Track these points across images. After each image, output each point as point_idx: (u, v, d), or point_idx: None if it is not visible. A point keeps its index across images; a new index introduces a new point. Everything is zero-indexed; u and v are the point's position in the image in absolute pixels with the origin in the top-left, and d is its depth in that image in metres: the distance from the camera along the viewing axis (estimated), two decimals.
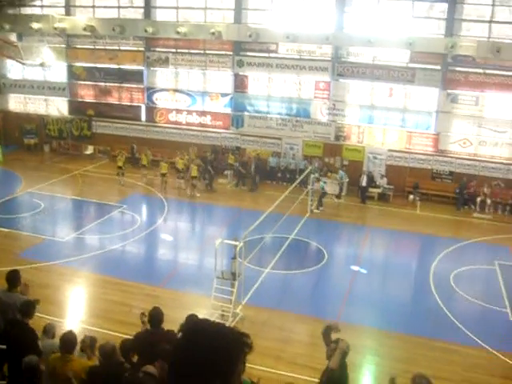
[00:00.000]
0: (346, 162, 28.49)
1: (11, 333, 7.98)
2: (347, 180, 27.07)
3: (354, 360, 12.54)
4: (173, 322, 7.67)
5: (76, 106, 33.80)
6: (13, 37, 33.07)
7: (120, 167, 27.63)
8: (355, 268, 19.36)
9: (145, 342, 8.01)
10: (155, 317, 8.49)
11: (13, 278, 9.32)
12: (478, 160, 26.97)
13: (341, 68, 28.11)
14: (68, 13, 31.52)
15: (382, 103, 27.96)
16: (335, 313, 15.85)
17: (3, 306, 8.86)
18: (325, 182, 25.96)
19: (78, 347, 8.17)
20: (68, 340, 7.71)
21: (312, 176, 24.88)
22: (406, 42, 25.21)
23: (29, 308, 8.33)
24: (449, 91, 26.88)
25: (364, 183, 26.72)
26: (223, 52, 30.10)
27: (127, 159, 29.07)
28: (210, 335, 2.23)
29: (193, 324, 2.32)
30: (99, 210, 24.58)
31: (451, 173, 27.33)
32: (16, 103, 35.16)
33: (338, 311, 16.00)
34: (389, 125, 28.13)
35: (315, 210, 24.88)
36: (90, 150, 33.18)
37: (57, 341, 8.13)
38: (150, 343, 7.49)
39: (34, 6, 32.50)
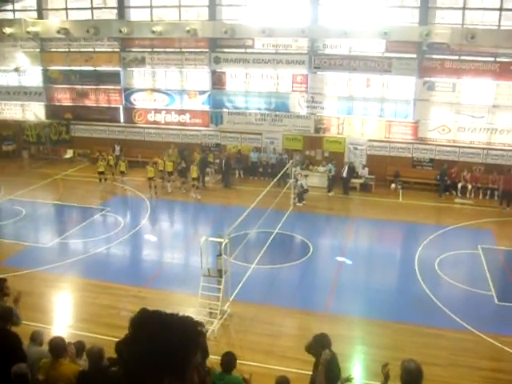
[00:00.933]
0: (326, 154, 28.57)
1: None
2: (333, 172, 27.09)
3: (343, 350, 12.61)
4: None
5: (53, 110, 33.50)
6: None
7: (102, 172, 27.09)
8: (341, 259, 19.45)
9: None
10: None
11: None
12: (457, 146, 27.21)
13: (317, 60, 28.15)
14: (40, 16, 31.22)
15: (360, 94, 28.07)
16: (322, 305, 15.95)
17: None
18: (306, 175, 26.03)
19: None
20: (57, 345, 7.66)
21: (294, 170, 24.94)
22: (381, 31, 25.33)
23: (7, 314, 8.21)
24: (425, 79, 27.06)
25: (345, 174, 26.78)
26: (199, 49, 29.99)
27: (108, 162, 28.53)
28: (159, 327, 2.11)
29: (140, 317, 2.19)
30: (82, 214, 24.38)
31: (431, 160, 27.55)
32: None
33: (325, 303, 16.09)
34: (368, 115, 28.25)
35: (297, 204, 24.95)
36: (69, 153, 32.91)
37: (45, 348, 8.06)
38: None
39: (6, 10, 32.13)
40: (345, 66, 27.81)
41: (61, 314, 15.90)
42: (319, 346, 8.39)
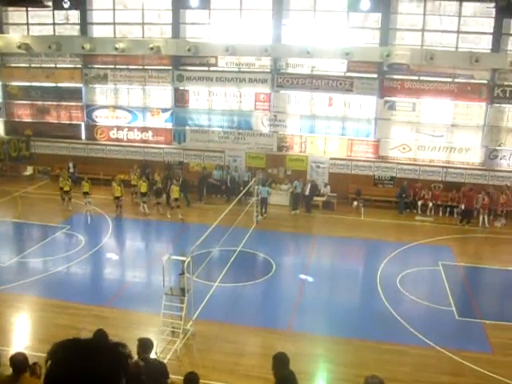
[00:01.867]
0: (289, 172, 28.73)
1: None
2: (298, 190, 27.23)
3: (306, 368, 12.65)
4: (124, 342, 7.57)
5: (13, 127, 32.93)
6: None
7: (67, 192, 26.28)
8: (304, 277, 19.49)
9: None
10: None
11: None
12: (417, 164, 27.71)
13: (280, 79, 28.41)
14: (1, 31, 30.80)
15: (323, 112, 28.39)
16: (285, 323, 15.93)
17: None
18: (268, 193, 26.21)
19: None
20: (17, 360, 7.51)
21: (256, 187, 25.02)
22: (342, 51, 25.78)
23: None
24: (386, 98, 27.55)
25: (307, 192, 26.95)
26: (162, 67, 29.94)
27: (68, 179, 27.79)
28: (80, 355, 2.02)
29: (58, 348, 2.08)
30: (41, 232, 23.92)
31: (392, 178, 27.96)
32: None
33: (288, 321, 16.07)
34: (330, 133, 28.57)
35: (264, 215, 25.22)
36: (29, 170, 32.29)
37: (2, 369, 7.86)
38: None
39: None
40: (307, 85, 28.12)
41: (19, 335, 15.48)
42: (280, 365, 8.34)
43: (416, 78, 27.12)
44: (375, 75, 27.39)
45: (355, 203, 27.45)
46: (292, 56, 27.76)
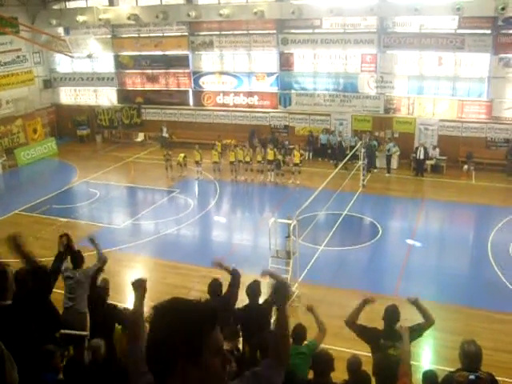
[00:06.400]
0: (396, 135, 28.00)
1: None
2: (398, 153, 26.71)
3: None
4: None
5: (125, 95, 34.32)
6: (60, 31, 33.73)
7: (168, 159, 26.94)
8: (410, 242, 19.13)
9: None
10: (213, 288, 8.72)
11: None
12: None
13: (387, 39, 27.54)
14: (111, 3, 31.87)
15: (432, 72, 27.26)
16: (392, 288, 15.74)
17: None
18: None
19: None
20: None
21: (363, 151, 24.61)
22: (453, 7, 24.47)
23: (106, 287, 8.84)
24: (501, 55, 25.98)
25: (422, 156, 26.14)
26: (267, 31, 29.90)
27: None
28: (168, 314, 2.25)
29: (156, 307, 2.33)
30: (153, 196, 25.03)
31: (507, 140, 26.51)
32: (67, 96, 35.95)
33: (394, 286, 15.87)
34: (439, 94, 27.44)
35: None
36: (140, 137, 33.65)
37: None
38: None
39: None
40: (415, 44, 27.05)
41: (133, 293, 16.33)
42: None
43: None
44: (489, 31, 25.86)
45: (466, 166, 26.38)
46: (399, 14, 26.74)
